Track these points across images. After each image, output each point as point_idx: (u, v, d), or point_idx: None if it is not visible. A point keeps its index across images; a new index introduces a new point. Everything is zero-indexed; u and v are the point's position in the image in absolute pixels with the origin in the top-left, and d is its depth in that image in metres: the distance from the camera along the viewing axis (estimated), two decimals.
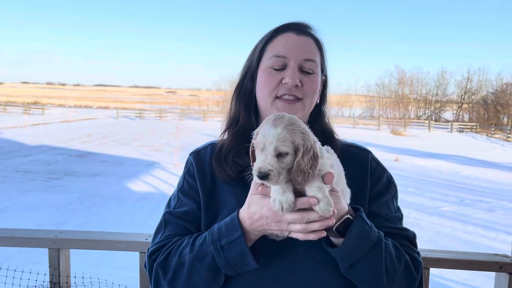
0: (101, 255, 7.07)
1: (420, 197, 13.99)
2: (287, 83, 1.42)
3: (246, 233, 1.25)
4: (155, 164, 18.61)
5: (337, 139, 1.57)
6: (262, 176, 1.10)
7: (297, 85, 1.42)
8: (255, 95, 1.52)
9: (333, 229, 1.21)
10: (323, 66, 1.54)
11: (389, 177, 1.56)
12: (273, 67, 1.45)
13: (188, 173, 1.54)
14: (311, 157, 1.12)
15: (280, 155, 1.11)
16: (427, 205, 13.09)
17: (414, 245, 1.45)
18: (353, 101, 70.33)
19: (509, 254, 2.12)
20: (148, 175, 16.25)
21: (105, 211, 11.06)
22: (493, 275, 2.11)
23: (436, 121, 59.24)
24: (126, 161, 19.51)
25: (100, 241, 2.02)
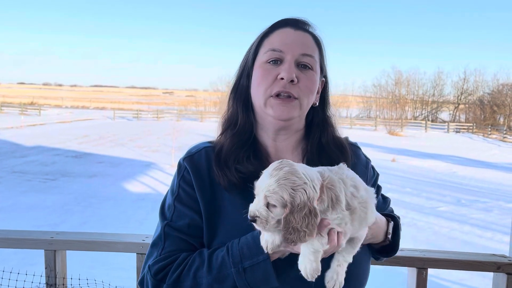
0: (97, 255, 7.06)
1: (417, 197, 14.02)
2: (282, 78, 1.33)
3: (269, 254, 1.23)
4: (152, 165, 18.58)
5: (347, 146, 1.50)
6: (251, 220, 1.13)
7: (293, 80, 1.33)
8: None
9: (387, 241, 1.46)
10: (322, 65, 1.46)
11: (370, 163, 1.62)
12: (269, 61, 1.37)
13: (183, 180, 1.40)
14: (305, 215, 1.08)
15: (269, 205, 1.12)
16: (424, 205, 13.12)
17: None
18: (350, 101, 70.37)
19: (507, 254, 2.12)
20: (145, 175, 16.23)
21: (102, 211, 11.03)
22: (491, 275, 2.11)
23: (432, 121, 59.41)
24: (123, 161, 19.47)
25: (97, 242, 2.01)
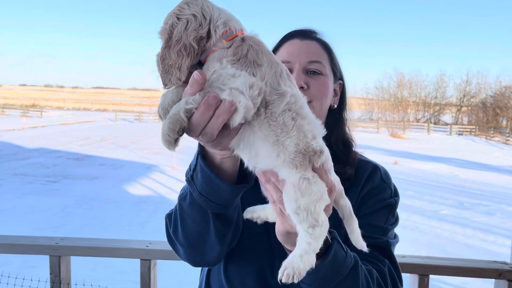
0: (99, 259, 7.07)
1: (419, 201, 13.99)
2: None
3: (206, 151, 1.10)
4: (154, 167, 18.59)
5: (354, 151, 1.53)
6: None
7: (302, 87, 1.38)
8: None
9: None
10: (334, 69, 1.51)
11: (393, 194, 1.47)
12: None
13: None
14: (179, 51, 0.92)
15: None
16: (426, 209, 13.10)
17: (386, 254, 1.34)
18: (351, 103, 70.04)
19: (508, 261, 2.13)
20: (146, 178, 16.23)
21: (104, 214, 11.03)
22: (493, 280, 2.12)
23: (435, 124, 59.30)
24: (124, 164, 19.48)
25: (101, 248, 2.03)
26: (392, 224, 1.43)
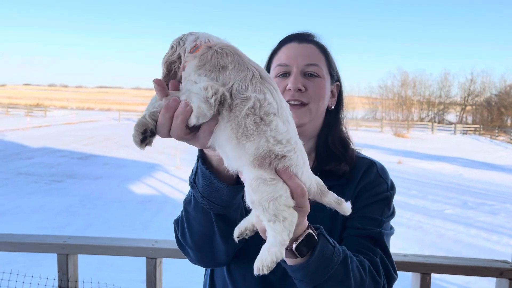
0: (104, 257, 7.11)
1: (422, 200, 13.98)
2: (290, 89, 1.44)
3: (205, 154, 1.17)
4: (157, 167, 18.65)
5: (351, 148, 1.57)
6: None
7: (300, 89, 1.43)
8: None
9: (293, 248, 1.08)
10: (331, 71, 1.55)
11: (390, 188, 1.49)
12: (278, 75, 1.48)
13: None
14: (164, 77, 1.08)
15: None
16: (430, 208, 13.07)
17: (378, 244, 1.36)
18: (355, 103, 70.17)
19: (510, 260, 2.15)
20: (150, 177, 16.29)
21: (107, 214, 11.08)
22: (494, 279, 2.14)
23: (439, 123, 59.16)
24: (128, 163, 19.55)
25: (108, 246, 2.06)
26: (388, 216, 1.45)
